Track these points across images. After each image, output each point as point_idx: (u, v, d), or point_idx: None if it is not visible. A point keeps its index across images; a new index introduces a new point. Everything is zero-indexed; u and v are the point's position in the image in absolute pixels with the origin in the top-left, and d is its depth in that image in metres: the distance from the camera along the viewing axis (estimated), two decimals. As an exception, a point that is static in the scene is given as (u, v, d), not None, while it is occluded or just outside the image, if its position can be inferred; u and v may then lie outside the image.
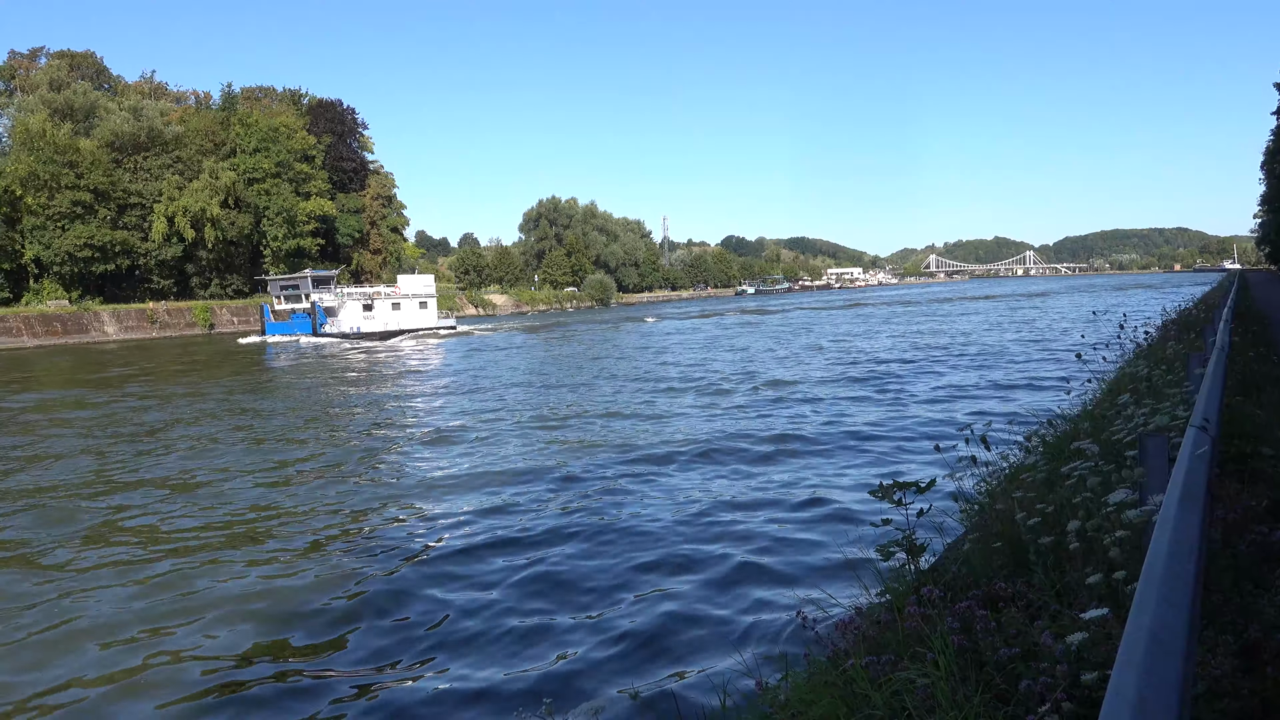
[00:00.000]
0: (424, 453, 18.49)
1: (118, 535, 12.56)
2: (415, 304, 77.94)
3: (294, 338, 69.68)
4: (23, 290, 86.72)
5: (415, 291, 79.02)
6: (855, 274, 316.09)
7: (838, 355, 38.16)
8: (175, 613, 9.30)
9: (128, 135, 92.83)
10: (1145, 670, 1.51)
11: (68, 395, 33.19)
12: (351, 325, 71.58)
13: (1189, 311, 20.14)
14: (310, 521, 12.94)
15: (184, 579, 10.37)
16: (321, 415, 25.37)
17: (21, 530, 12.97)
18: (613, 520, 12.17)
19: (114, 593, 9.98)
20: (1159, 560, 2.05)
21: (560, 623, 8.62)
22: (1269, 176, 69.39)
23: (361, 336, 69.82)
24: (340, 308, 72.55)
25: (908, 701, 2.96)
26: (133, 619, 9.16)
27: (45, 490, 15.65)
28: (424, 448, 19.10)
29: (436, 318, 79.57)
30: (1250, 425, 6.27)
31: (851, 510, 11.88)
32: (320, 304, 72.46)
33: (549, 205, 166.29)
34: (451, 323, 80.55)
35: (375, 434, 21.60)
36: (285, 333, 72.04)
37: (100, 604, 9.62)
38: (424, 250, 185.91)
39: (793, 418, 20.69)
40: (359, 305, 73.38)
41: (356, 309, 73.01)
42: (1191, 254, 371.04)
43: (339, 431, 22.14)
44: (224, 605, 9.50)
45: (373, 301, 74.63)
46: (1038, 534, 4.07)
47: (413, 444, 19.73)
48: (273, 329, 73.20)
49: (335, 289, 75.01)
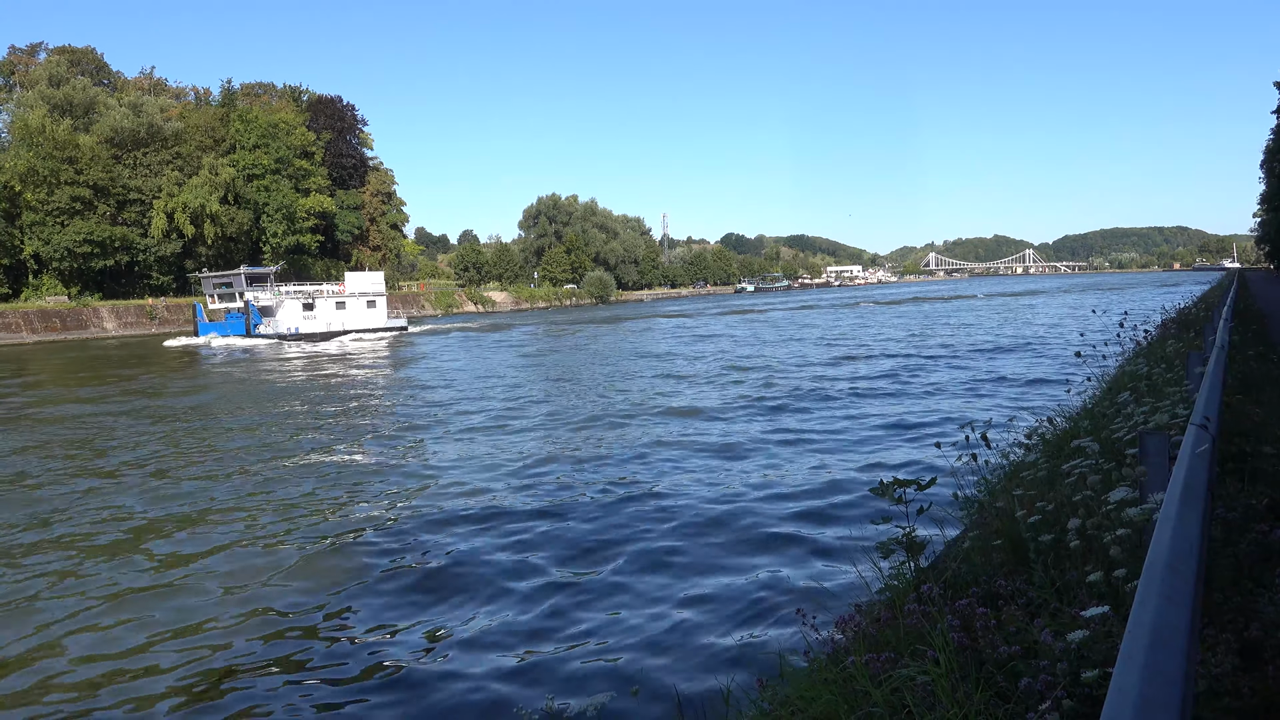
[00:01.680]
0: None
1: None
2: (362, 303, 73.74)
3: (225, 340, 64.27)
4: (22, 286, 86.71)
5: (362, 289, 74.76)
6: (855, 272, 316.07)
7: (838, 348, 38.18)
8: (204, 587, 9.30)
9: (127, 131, 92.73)
10: (1147, 668, 1.51)
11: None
12: (289, 326, 67.28)
13: (1188, 310, 20.14)
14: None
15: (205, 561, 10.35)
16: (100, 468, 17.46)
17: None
18: (603, 525, 12.18)
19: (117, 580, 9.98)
20: (1160, 558, 2.05)
21: (561, 619, 8.63)
22: (1269, 175, 69.41)
23: (300, 338, 65.67)
24: (278, 307, 68.25)
25: (908, 699, 2.96)
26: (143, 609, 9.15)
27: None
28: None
29: (386, 317, 75.44)
30: (1250, 424, 6.27)
31: (852, 507, 11.88)
32: (255, 303, 67.96)
33: (549, 202, 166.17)
34: (403, 322, 76.19)
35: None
36: (218, 334, 67.08)
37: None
38: (423, 247, 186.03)
39: (795, 413, 20.71)
40: (298, 304, 69.03)
41: (295, 308, 68.72)
42: (1191, 253, 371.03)
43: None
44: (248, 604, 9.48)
45: (314, 300, 70.29)
46: (1038, 532, 4.07)
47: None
48: (206, 330, 68.33)
49: (272, 287, 70.66)
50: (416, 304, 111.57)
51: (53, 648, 8.44)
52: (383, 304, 76.00)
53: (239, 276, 71.33)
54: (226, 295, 71.61)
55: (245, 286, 69.80)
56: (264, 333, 66.46)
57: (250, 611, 9.20)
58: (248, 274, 71.48)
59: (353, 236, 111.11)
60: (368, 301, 74.32)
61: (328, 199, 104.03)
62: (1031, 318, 59.99)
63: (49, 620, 9.11)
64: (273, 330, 66.67)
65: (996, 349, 36.41)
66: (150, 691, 7.46)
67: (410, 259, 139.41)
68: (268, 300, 68.63)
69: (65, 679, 7.78)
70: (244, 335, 66.33)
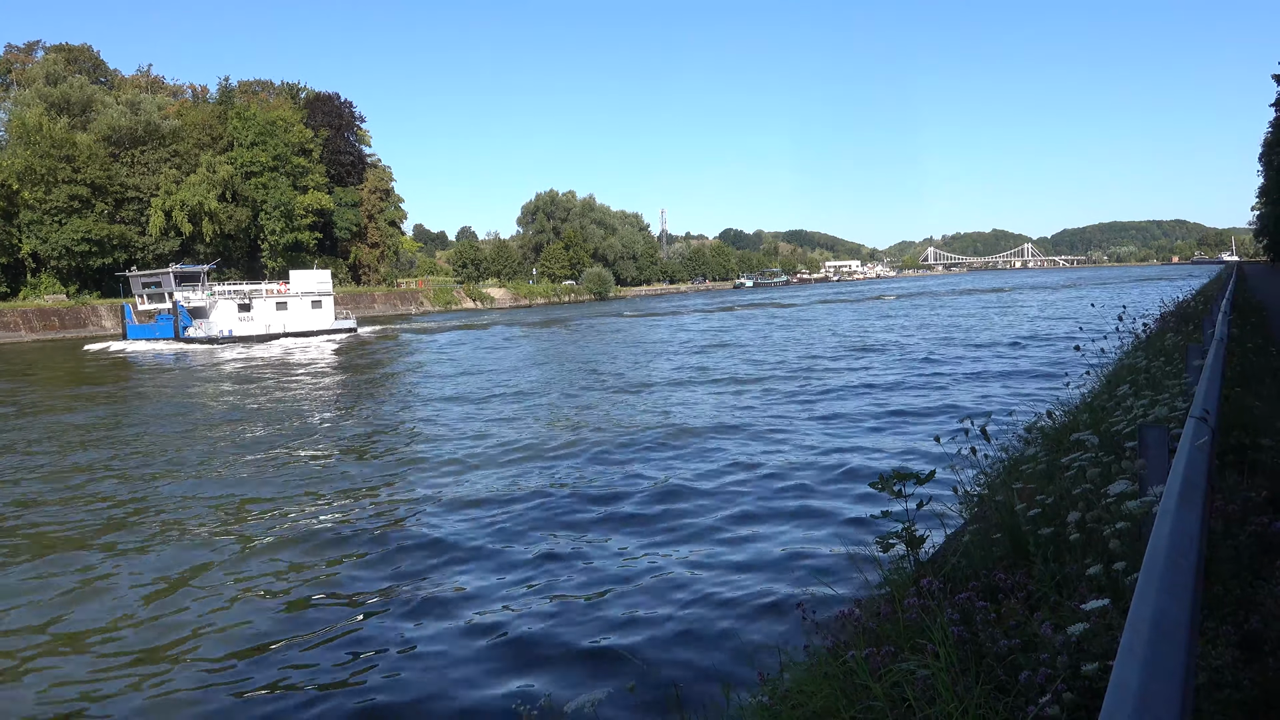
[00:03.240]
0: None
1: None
2: (306, 303, 69.19)
3: (152, 344, 59.78)
4: (20, 285, 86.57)
5: (306, 289, 70.08)
6: (854, 266, 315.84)
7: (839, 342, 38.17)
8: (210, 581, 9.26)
9: (125, 129, 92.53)
10: (1148, 661, 1.51)
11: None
12: (223, 328, 63.12)
13: (1187, 303, 20.14)
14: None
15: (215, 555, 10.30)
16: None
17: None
18: (602, 525, 12.17)
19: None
20: (1160, 551, 2.04)
21: (557, 613, 8.63)
22: (1267, 169, 69.31)
23: (234, 341, 61.93)
24: (211, 308, 64.03)
25: (908, 693, 2.96)
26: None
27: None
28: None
29: (333, 318, 70.84)
30: (1249, 417, 6.27)
31: (851, 505, 11.88)
32: (185, 304, 63.58)
33: (547, 198, 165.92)
34: (352, 324, 71.34)
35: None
36: (147, 337, 62.39)
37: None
38: (422, 244, 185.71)
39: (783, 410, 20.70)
40: (233, 305, 64.88)
41: (230, 309, 64.58)
42: (1190, 246, 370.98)
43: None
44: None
45: (250, 300, 66.04)
46: (1037, 525, 4.07)
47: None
48: (135, 332, 63.19)
49: (205, 286, 66.45)
50: (415, 301, 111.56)
51: (55, 649, 8.42)
52: (329, 304, 71.62)
53: (167, 275, 67.09)
54: (156, 295, 66.99)
55: (174, 286, 65.59)
56: (194, 336, 62.14)
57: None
58: (177, 273, 67.32)
59: (351, 234, 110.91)
60: (312, 301, 69.97)
61: (326, 196, 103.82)
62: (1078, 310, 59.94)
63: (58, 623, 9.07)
64: (204, 333, 62.47)
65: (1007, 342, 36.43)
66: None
67: (409, 256, 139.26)
68: (200, 301, 64.44)
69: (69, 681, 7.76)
70: (173, 339, 62.10)
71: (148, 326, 63.85)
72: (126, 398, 30.37)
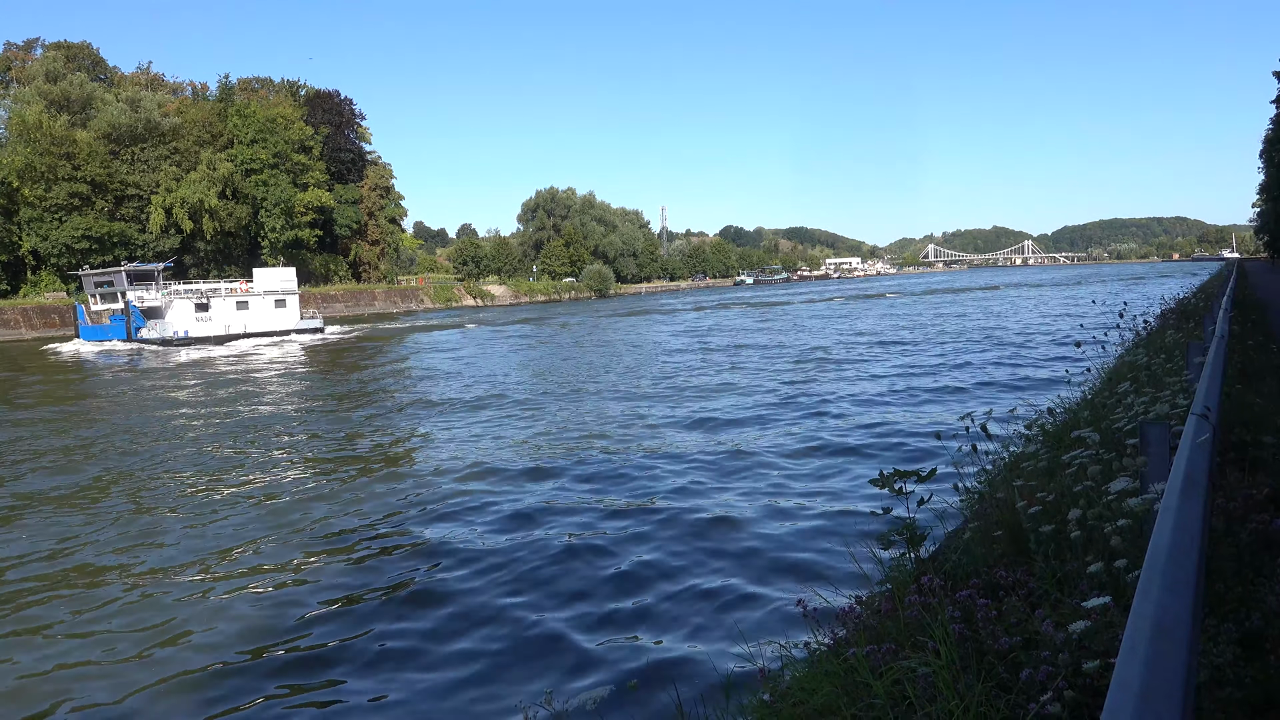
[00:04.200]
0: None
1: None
2: (269, 302, 66.34)
3: (105, 344, 57.66)
4: (20, 282, 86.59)
5: (269, 288, 67.31)
6: (854, 264, 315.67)
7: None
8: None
9: (124, 126, 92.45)
10: (1150, 659, 1.51)
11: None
12: (178, 329, 60.38)
13: (1187, 300, 20.13)
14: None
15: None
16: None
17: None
18: (607, 524, 12.18)
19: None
20: (1162, 548, 2.04)
21: (556, 609, 8.63)
22: (1268, 165, 69.19)
23: (189, 342, 59.33)
24: (166, 308, 61.41)
25: (909, 690, 2.96)
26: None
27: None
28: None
29: (298, 318, 67.88)
30: (1251, 414, 6.26)
31: (851, 502, 11.88)
32: (139, 303, 60.89)
33: (547, 196, 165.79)
34: (318, 324, 67.76)
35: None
36: (100, 338, 59.70)
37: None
38: (422, 241, 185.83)
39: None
40: (189, 304, 62.16)
41: (186, 309, 61.85)
42: (1190, 243, 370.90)
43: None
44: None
45: (208, 300, 63.19)
46: (1038, 522, 4.07)
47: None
48: (87, 334, 60.28)
49: (159, 285, 63.19)
50: (415, 298, 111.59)
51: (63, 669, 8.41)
52: (294, 303, 68.66)
53: (120, 274, 64.14)
54: (109, 295, 63.96)
55: (127, 285, 62.62)
56: (147, 337, 59.35)
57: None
58: (130, 271, 64.18)
59: (351, 231, 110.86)
60: (276, 301, 66.95)
61: (326, 193, 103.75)
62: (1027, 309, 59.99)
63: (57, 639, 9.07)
64: (158, 334, 59.58)
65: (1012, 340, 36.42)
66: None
67: (409, 253, 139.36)
68: (154, 300, 61.71)
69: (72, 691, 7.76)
70: (124, 340, 59.28)
71: (100, 328, 61.24)
72: (38, 403, 28.00)
